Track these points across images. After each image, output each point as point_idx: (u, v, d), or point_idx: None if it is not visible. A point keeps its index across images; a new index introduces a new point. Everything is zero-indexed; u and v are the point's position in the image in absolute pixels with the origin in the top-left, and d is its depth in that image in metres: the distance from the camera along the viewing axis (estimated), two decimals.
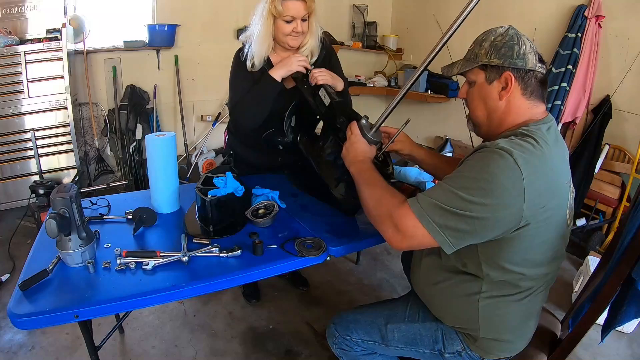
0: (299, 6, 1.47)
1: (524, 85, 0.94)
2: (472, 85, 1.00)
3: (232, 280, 1.09)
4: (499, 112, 0.97)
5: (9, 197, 2.87)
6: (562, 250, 1.02)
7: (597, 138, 2.67)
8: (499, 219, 0.84)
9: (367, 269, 2.44)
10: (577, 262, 2.52)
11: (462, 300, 1.02)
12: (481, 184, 0.83)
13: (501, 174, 0.82)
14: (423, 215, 0.88)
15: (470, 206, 0.84)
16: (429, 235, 0.88)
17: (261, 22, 1.50)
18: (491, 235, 0.88)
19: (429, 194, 0.91)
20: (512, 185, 0.82)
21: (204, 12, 3.51)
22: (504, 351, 1.05)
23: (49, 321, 0.92)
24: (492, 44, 0.94)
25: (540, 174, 0.84)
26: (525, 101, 0.95)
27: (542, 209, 0.86)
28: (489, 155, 0.85)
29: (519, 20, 3.15)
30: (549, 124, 0.95)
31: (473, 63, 0.97)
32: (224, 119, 3.68)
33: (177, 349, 1.78)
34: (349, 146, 1.20)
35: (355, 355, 1.21)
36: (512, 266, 0.93)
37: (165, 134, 1.35)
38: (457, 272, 1.02)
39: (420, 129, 4.14)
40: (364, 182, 1.09)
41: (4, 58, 2.62)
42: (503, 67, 0.93)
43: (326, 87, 1.45)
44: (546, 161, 0.87)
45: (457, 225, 0.86)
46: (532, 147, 0.86)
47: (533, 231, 0.88)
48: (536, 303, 1.04)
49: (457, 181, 0.88)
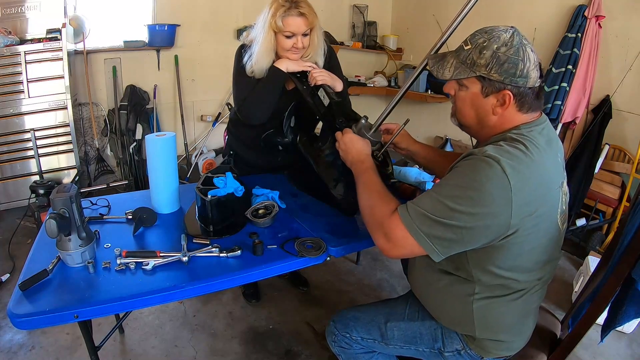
0: (300, 22, 1.45)
1: (521, 102, 0.90)
2: (463, 88, 0.94)
3: (232, 280, 1.09)
4: (491, 122, 0.94)
5: (9, 197, 2.87)
6: (556, 254, 1.01)
7: (597, 138, 2.67)
8: (487, 227, 0.84)
9: (367, 269, 2.44)
10: (577, 262, 2.52)
11: (457, 301, 1.02)
12: (469, 192, 0.83)
13: (488, 182, 0.81)
14: (412, 225, 0.89)
15: (458, 215, 0.84)
16: (418, 245, 0.89)
17: (262, 36, 1.49)
18: (479, 244, 0.88)
19: (417, 203, 0.91)
20: (500, 194, 0.81)
21: (204, 12, 3.51)
22: (503, 350, 1.05)
23: (49, 321, 0.92)
24: (495, 56, 0.87)
25: (528, 182, 0.83)
26: (520, 115, 0.92)
27: (529, 216, 0.85)
28: (477, 164, 0.83)
29: (519, 20, 3.15)
30: (542, 125, 0.93)
31: (469, 71, 0.90)
32: (224, 119, 3.68)
33: (177, 349, 1.78)
34: (346, 148, 1.21)
35: (354, 353, 1.21)
36: (502, 272, 0.94)
37: (165, 134, 1.35)
38: (450, 274, 1.02)
39: (420, 129, 4.14)
40: (362, 185, 1.10)
41: (4, 58, 2.62)
42: (503, 83, 0.88)
43: (325, 87, 1.45)
44: (536, 168, 0.85)
45: (445, 234, 0.86)
46: (521, 154, 0.84)
47: (521, 239, 0.88)
48: (532, 302, 1.04)
49: (445, 190, 0.87)
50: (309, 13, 1.46)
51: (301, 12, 1.44)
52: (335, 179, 1.37)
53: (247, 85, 1.57)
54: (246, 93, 1.57)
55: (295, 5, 1.44)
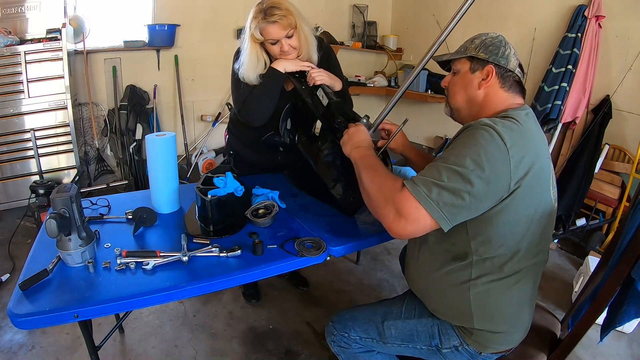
0: (276, 29, 1.43)
1: (503, 80, 1.04)
2: (456, 74, 1.10)
3: (232, 280, 1.09)
4: (478, 100, 1.06)
5: (9, 197, 2.87)
6: (549, 232, 1.05)
7: (597, 138, 2.67)
8: (491, 188, 0.89)
9: (367, 269, 2.44)
10: (577, 262, 2.52)
11: (455, 290, 1.03)
12: (473, 156, 0.89)
13: (487, 144, 0.89)
14: (420, 194, 0.91)
15: (464, 178, 0.89)
16: (429, 215, 0.91)
17: (247, 49, 1.49)
18: (485, 207, 0.92)
19: (424, 174, 0.94)
20: (499, 155, 0.89)
21: (204, 12, 3.51)
22: (501, 343, 1.05)
23: (49, 321, 0.92)
24: (482, 42, 1.06)
25: (520, 143, 0.91)
26: (503, 92, 1.04)
27: (525, 177, 0.91)
28: (475, 132, 0.92)
29: (519, 20, 3.16)
30: (526, 110, 1.02)
31: (462, 54, 1.08)
32: (224, 119, 3.68)
33: (177, 349, 1.78)
34: (350, 134, 1.22)
35: (353, 352, 1.22)
36: (498, 241, 0.96)
37: (165, 134, 1.35)
38: (446, 260, 1.04)
39: (420, 129, 4.14)
40: (365, 166, 1.09)
41: (4, 58, 2.62)
42: (487, 61, 1.03)
43: (324, 87, 1.45)
44: (526, 134, 0.94)
45: (454, 200, 0.89)
46: (513, 124, 0.94)
47: (518, 201, 0.93)
48: (527, 290, 1.05)
49: (448, 158, 0.93)
50: (282, 18, 1.42)
51: (274, 20, 1.41)
52: (334, 179, 1.37)
53: (245, 88, 1.56)
54: (245, 95, 1.57)
55: (269, 13, 1.41)
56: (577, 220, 2.67)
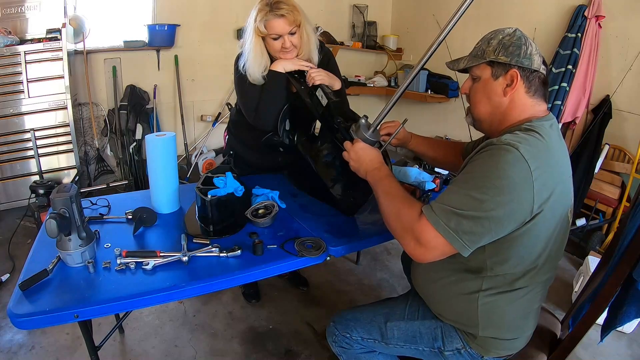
0: (282, 23, 1.43)
1: (528, 83, 0.96)
2: (477, 80, 1.02)
3: (232, 280, 1.08)
4: (502, 108, 0.99)
5: (9, 197, 2.87)
6: (561, 249, 1.02)
7: (597, 138, 2.67)
8: (513, 214, 0.86)
9: (367, 269, 2.44)
10: (577, 262, 2.52)
11: (463, 299, 1.02)
12: (493, 181, 0.85)
13: (510, 169, 0.84)
14: (439, 224, 0.88)
15: (484, 205, 0.85)
16: (449, 244, 0.89)
17: (251, 43, 1.48)
18: (506, 232, 0.88)
19: (442, 201, 0.91)
20: (522, 179, 0.84)
21: (204, 12, 3.51)
22: (504, 349, 1.05)
23: (49, 321, 0.92)
24: (500, 43, 0.96)
25: (546, 166, 0.86)
26: (528, 99, 0.97)
27: (547, 201, 0.87)
28: (497, 152, 0.86)
29: (519, 20, 3.15)
30: (551, 121, 0.96)
31: (480, 59, 0.99)
32: (223, 119, 3.68)
33: (177, 349, 1.78)
34: (357, 158, 1.17)
35: (354, 353, 1.21)
36: (514, 262, 0.94)
37: (165, 134, 1.35)
38: (458, 270, 1.03)
39: (420, 129, 4.08)
40: (382, 192, 1.07)
41: (4, 58, 2.62)
42: (510, 64, 0.95)
43: (323, 87, 1.45)
44: (552, 154, 0.89)
45: (473, 228, 0.86)
46: (537, 141, 0.88)
47: (540, 225, 0.89)
48: (535, 301, 1.04)
49: (468, 182, 0.89)
50: (289, 13, 1.42)
51: (281, 13, 1.41)
52: (334, 179, 1.37)
53: (253, 93, 1.55)
54: (255, 103, 1.55)
55: (275, 7, 1.41)
56: (577, 220, 2.66)
